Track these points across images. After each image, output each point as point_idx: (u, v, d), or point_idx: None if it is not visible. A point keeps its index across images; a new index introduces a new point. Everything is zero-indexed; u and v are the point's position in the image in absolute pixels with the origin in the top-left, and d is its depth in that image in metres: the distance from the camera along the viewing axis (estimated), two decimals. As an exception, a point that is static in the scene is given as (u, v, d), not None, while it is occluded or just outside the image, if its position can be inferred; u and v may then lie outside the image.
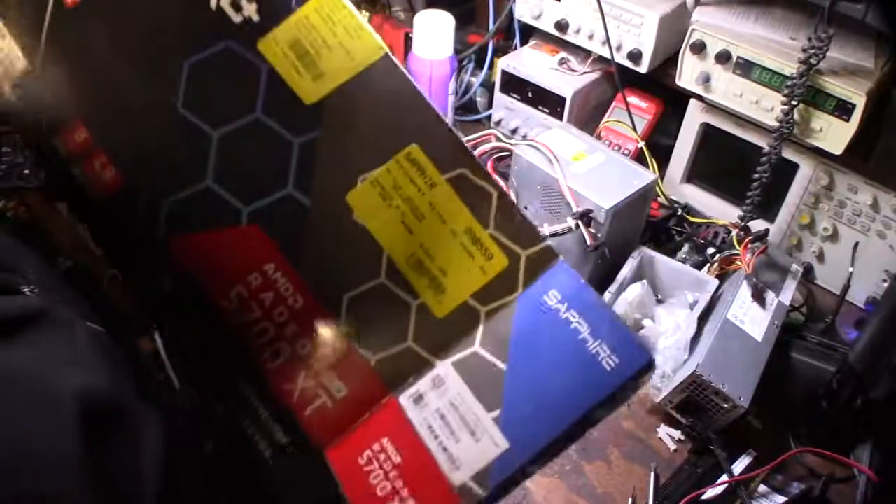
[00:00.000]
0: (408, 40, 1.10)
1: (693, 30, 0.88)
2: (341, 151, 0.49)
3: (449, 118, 1.03)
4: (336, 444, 0.46)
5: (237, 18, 0.50)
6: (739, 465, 0.73)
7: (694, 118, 0.98)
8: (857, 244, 0.90)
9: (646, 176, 0.86)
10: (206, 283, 0.48)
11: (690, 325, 0.77)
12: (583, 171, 0.85)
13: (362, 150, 0.49)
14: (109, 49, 0.51)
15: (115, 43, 0.51)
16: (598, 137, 1.03)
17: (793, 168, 0.91)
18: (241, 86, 0.49)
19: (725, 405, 0.71)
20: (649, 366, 0.45)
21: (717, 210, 1.00)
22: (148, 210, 0.49)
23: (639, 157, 1.00)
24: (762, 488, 0.72)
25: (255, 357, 0.47)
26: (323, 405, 0.47)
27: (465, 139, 0.88)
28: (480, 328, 0.47)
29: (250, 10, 0.50)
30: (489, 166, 0.94)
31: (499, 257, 0.48)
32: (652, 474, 0.73)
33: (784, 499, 0.71)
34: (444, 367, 0.47)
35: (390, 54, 0.49)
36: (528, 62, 1.08)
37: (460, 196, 0.48)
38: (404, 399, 0.46)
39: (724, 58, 0.86)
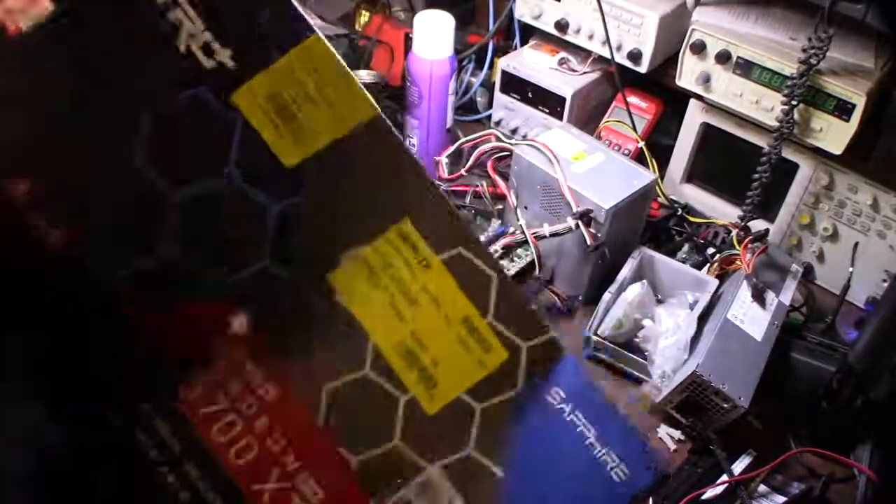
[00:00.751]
0: (408, 40, 1.10)
1: (693, 30, 0.88)
2: (325, 222, 0.44)
3: (449, 118, 1.03)
4: None
5: (209, 64, 0.43)
6: (739, 465, 0.73)
7: (694, 118, 0.98)
8: (857, 244, 0.90)
9: (646, 176, 0.86)
10: (164, 369, 0.42)
11: (690, 325, 0.77)
12: (583, 171, 0.85)
13: (348, 222, 0.44)
14: (57, 91, 0.43)
15: (63, 83, 0.43)
16: (598, 137, 1.03)
17: (793, 168, 0.91)
18: (211, 140, 0.43)
19: (725, 405, 0.71)
20: (663, 479, 0.41)
21: (717, 210, 1.00)
22: (99, 281, 0.42)
23: (639, 157, 1.00)
24: (762, 488, 0.72)
25: (220, 454, 0.42)
26: None
27: (464, 139, 0.85)
28: (475, 428, 0.43)
29: (223, 56, 0.43)
30: (489, 166, 0.94)
31: (498, 349, 0.44)
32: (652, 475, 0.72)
33: (784, 499, 0.71)
34: (435, 471, 0.42)
35: (382, 115, 0.44)
36: (528, 62, 1.08)
37: (457, 279, 0.44)
38: None
39: (724, 58, 0.86)
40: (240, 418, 0.42)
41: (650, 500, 0.70)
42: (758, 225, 0.94)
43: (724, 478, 0.71)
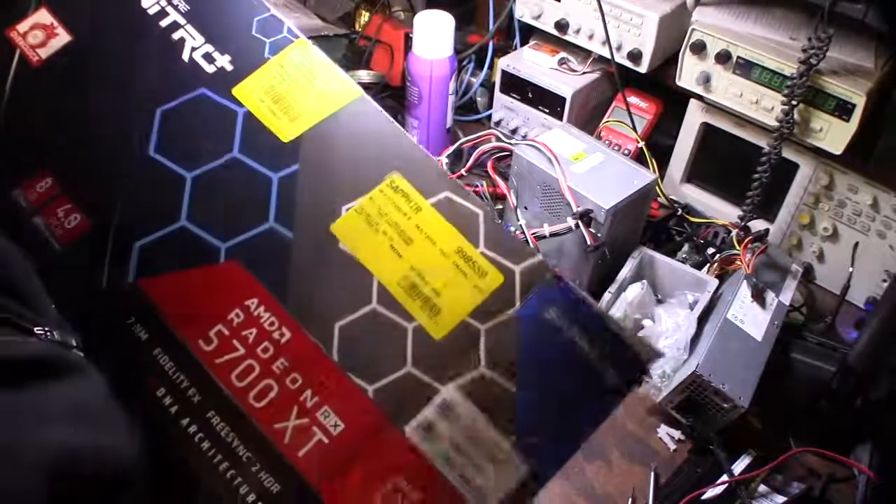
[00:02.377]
0: (408, 40, 1.10)
1: (693, 30, 0.88)
2: (322, 184, 0.49)
3: (449, 118, 1.03)
4: (339, 488, 0.43)
5: (210, 69, 0.52)
6: (739, 465, 0.73)
7: (694, 118, 0.98)
8: (857, 244, 0.90)
9: (646, 176, 0.86)
10: (183, 327, 0.46)
11: (690, 325, 0.77)
12: (583, 171, 0.85)
13: (344, 182, 0.49)
14: (78, 101, 0.51)
15: (83, 95, 0.52)
16: (598, 137, 1.03)
17: (793, 168, 0.91)
18: (217, 128, 0.50)
19: (725, 405, 0.71)
20: (650, 356, 0.45)
21: (717, 210, 1.00)
22: (115, 256, 0.47)
23: (639, 157, 1.00)
24: (762, 488, 0.72)
25: (239, 399, 0.44)
26: (318, 443, 0.43)
27: (464, 139, 0.90)
28: (482, 347, 0.45)
29: (223, 61, 0.52)
30: (489, 166, 0.94)
31: (493, 274, 0.47)
32: (652, 474, 0.73)
33: (784, 499, 0.71)
34: (451, 392, 0.44)
35: (366, 96, 0.51)
36: (528, 62, 1.08)
37: (447, 217, 0.48)
38: (412, 430, 0.43)
39: (724, 58, 0.86)
40: (257, 363, 0.45)
41: (650, 500, 0.71)
42: (758, 225, 0.95)
43: (724, 478, 0.71)
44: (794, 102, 0.81)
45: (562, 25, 1.02)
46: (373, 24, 1.16)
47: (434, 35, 0.95)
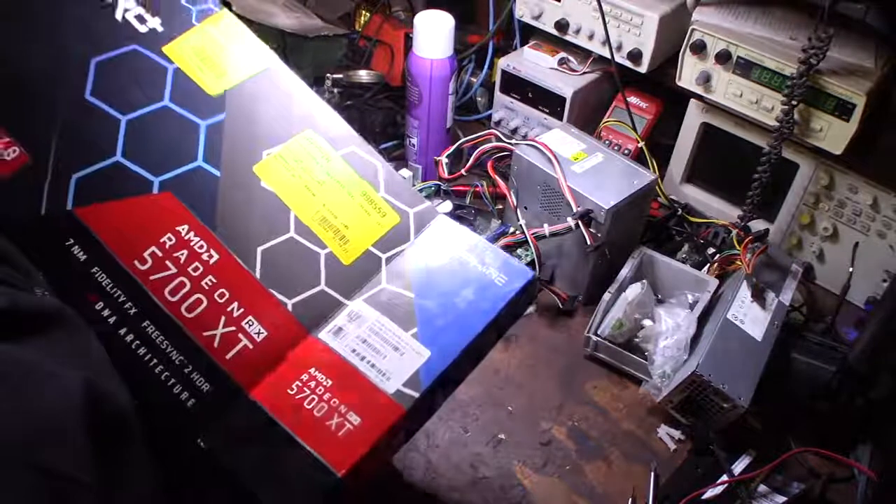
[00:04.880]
0: (408, 40, 1.10)
1: (693, 30, 0.88)
2: (246, 132, 0.56)
3: (449, 118, 1.03)
4: (261, 383, 0.49)
5: (142, 28, 0.58)
6: (739, 465, 0.73)
7: (694, 118, 0.98)
8: (857, 244, 0.90)
9: (646, 176, 0.86)
10: (120, 248, 0.51)
11: (690, 325, 0.77)
12: (583, 171, 0.85)
13: (265, 132, 0.56)
14: (17, 52, 0.56)
15: (22, 46, 0.56)
16: (598, 137, 1.03)
17: (793, 168, 0.91)
18: (149, 80, 0.56)
19: (725, 405, 0.71)
20: (534, 280, 0.54)
21: (717, 210, 1.00)
22: (53, 185, 0.52)
23: (639, 157, 1.00)
24: (762, 488, 0.72)
25: (172, 310, 0.50)
26: (244, 348, 0.50)
27: (464, 139, 0.94)
28: (383, 270, 0.54)
29: (154, 23, 0.59)
30: (489, 166, 0.94)
31: (391, 214, 0.56)
32: (652, 474, 0.73)
33: (784, 499, 0.71)
34: (358, 304, 0.52)
35: (282, 63, 0.59)
36: (528, 62, 1.08)
37: (353, 167, 0.57)
38: (324, 334, 0.51)
39: (724, 58, 0.86)
40: (188, 280, 0.51)
41: (650, 500, 0.71)
42: (758, 225, 0.94)
43: (724, 478, 0.71)
44: (794, 102, 0.81)
45: (562, 25, 1.02)
46: (373, 24, 1.16)
47: (434, 35, 0.95)
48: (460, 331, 0.51)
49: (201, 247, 0.52)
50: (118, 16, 0.58)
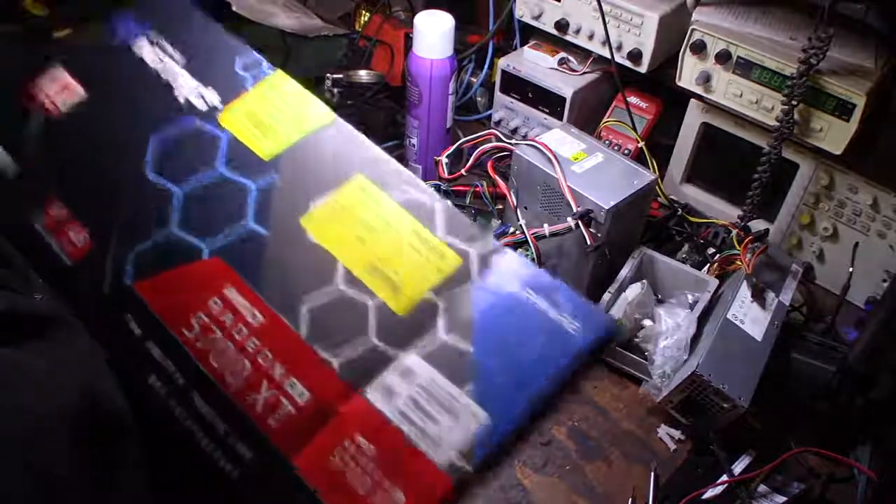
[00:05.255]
0: (408, 40, 1.10)
1: (693, 30, 0.88)
2: (296, 188, 0.54)
3: (449, 118, 1.03)
4: (303, 450, 0.46)
5: (199, 102, 0.59)
6: (739, 465, 0.73)
7: (694, 118, 0.98)
8: (857, 244, 0.90)
9: (646, 176, 0.86)
10: (170, 318, 0.51)
11: (690, 325, 0.77)
12: (583, 171, 0.85)
13: (314, 184, 0.54)
14: (87, 138, 0.59)
15: (92, 133, 0.59)
16: (598, 137, 1.03)
17: (793, 168, 0.91)
18: (204, 150, 0.57)
19: (725, 405, 0.71)
20: (612, 327, 0.49)
21: (717, 210, 1.00)
22: (114, 263, 0.53)
23: (639, 157, 1.00)
24: (762, 488, 0.72)
25: (217, 378, 0.48)
26: (287, 413, 0.47)
27: (464, 139, 0.93)
28: (441, 320, 0.49)
29: (210, 95, 0.59)
30: (489, 166, 0.94)
31: (450, 256, 0.51)
32: (652, 474, 0.73)
33: (784, 499, 0.71)
34: (410, 359, 0.48)
35: (339, 119, 0.57)
36: (528, 62, 1.08)
37: (407, 209, 0.53)
38: (371, 394, 0.47)
39: (724, 58, 0.86)
40: (232, 343, 0.49)
41: (650, 500, 0.71)
42: (758, 225, 0.94)
43: (724, 478, 0.71)
44: (794, 102, 0.81)
45: (562, 25, 1.02)
46: (373, 24, 1.16)
47: (434, 35, 0.95)
48: (522, 388, 0.46)
49: (246, 308, 0.51)
50: (177, 94, 0.60)
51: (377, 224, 0.53)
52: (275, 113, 0.58)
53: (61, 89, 0.63)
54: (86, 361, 0.48)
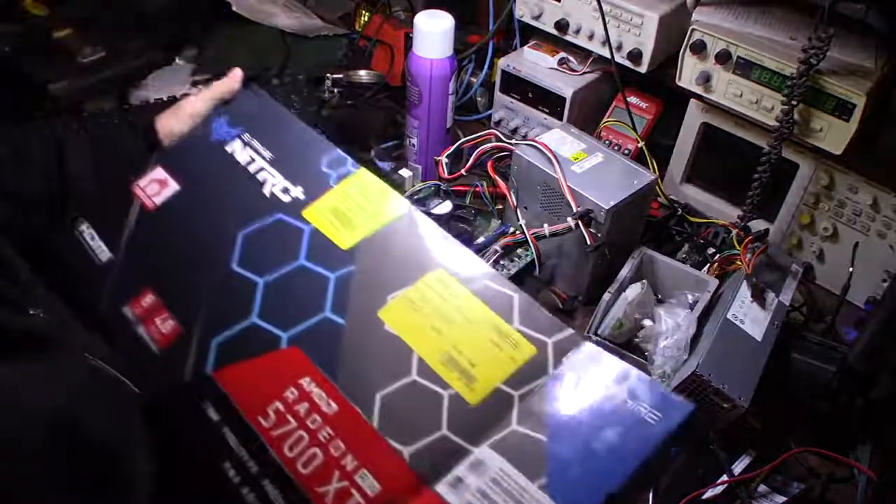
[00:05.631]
0: (408, 40, 1.10)
1: (693, 30, 0.88)
2: (373, 279, 0.56)
3: (449, 118, 1.03)
4: None
5: (286, 199, 0.63)
6: (739, 465, 0.73)
7: (694, 118, 0.98)
8: (857, 244, 0.90)
9: (646, 176, 0.86)
10: (247, 406, 0.52)
11: (690, 325, 0.77)
12: (583, 171, 0.85)
13: (392, 277, 0.56)
14: (178, 231, 0.63)
15: (183, 226, 0.64)
16: (598, 137, 1.03)
17: (793, 168, 0.91)
18: (287, 243, 0.59)
19: (725, 405, 0.71)
20: (693, 414, 0.46)
21: (717, 210, 1.00)
22: (197, 352, 0.55)
23: (639, 157, 1.00)
24: (762, 488, 0.72)
25: (289, 467, 0.49)
26: None
27: (464, 139, 0.93)
28: (515, 410, 0.48)
29: (297, 192, 0.63)
30: (489, 166, 0.94)
31: (525, 346, 0.51)
32: (652, 474, 0.73)
33: (784, 499, 0.71)
34: (483, 451, 0.47)
35: (414, 209, 0.60)
36: (528, 62, 1.08)
37: (484, 301, 0.53)
38: (441, 487, 0.46)
39: (724, 58, 0.86)
40: (306, 433, 0.50)
41: (650, 500, 0.71)
42: (758, 225, 0.94)
43: (724, 478, 0.71)
44: (794, 102, 0.81)
45: (562, 25, 1.02)
46: (373, 24, 1.16)
47: (434, 35, 0.95)
48: (597, 483, 0.43)
49: (321, 398, 0.51)
50: (265, 190, 0.63)
51: (454, 315, 0.53)
52: (355, 206, 0.61)
53: (157, 184, 0.67)
54: (67, 385, 0.47)
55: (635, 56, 0.97)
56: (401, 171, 1.02)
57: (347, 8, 1.26)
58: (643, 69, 0.98)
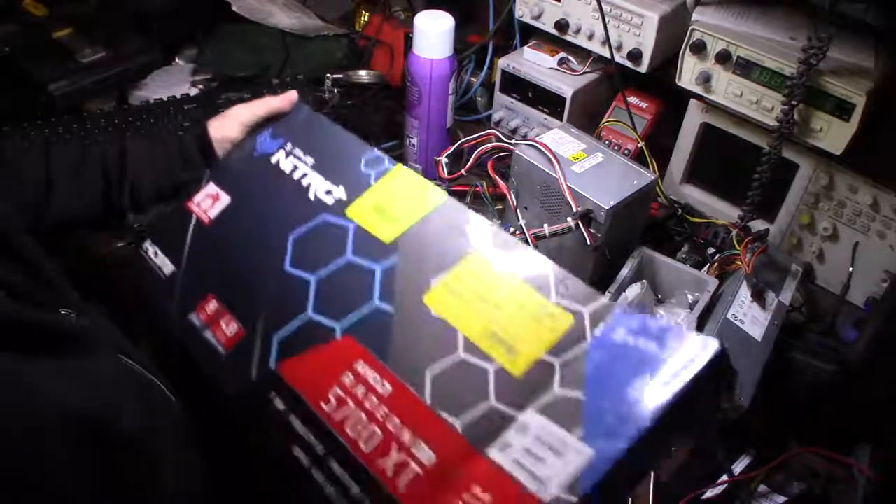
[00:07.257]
0: (408, 40, 1.10)
1: (693, 30, 0.88)
2: (416, 266, 0.59)
3: (449, 118, 1.03)
4: None
5: (329, 200, 0.67)
6: (739, 465, 0.73)
7: (694, 118, 0.98)
8: (857, 244, 0.90)
9: (646, 176, 0.86)
10: (309, 394, 0.56)
11: (690, 325, 0.77)
12: (583, 171, 0.85)
13: (434, 262, 0.59)
14: (233, 241, 0.69)
15: (237, 236, 0.69)
16: (598, 137, 1.03)
17: (793, 168, 0.91)
18: (334, 241, 0.63)
19: (725, 405, 0.71)
20: (721, 354, 0.48)
21: (717, 210, 1.00)
22: (261, 350, 0.60)
23: (639, 157, 1.00)
24: (762, 488, 0.72)
25: (352, 446, 0.53)
26: (415, 476, 0.50)
27: (464, 139, 0.94)
28: (557, 376, 0.51)
29: (339, 192, 0.67)
30: (489, 166, 0.94)
31: (563, 317, 0.54)
32: (652, 474, 0.72)
33: (784, 499, 0.71)
34: (527, 415, 0.50)
35: (452, 199, 0.63)
36: (528, 62, 1.08)
37: (521, 277, 0.57)
38: (492, 452, 0.49)
39: (724, 58, 0.86)
40: (365, 414, 0.54)
41: (650, 501, 0.71)
42: (758, 225, 0.94)
43: (724, 478, 0.71)
44: (794, 102, 0.81)
45: (562, 25, 1.02)
46: (373, 24, 1.16)
47: (434, 35, 0.95)
48: (629, 424, 0.46)
49: (376, 380, 0.55)
50: (310, 194, 0.68)
51: (493, 294, 0.57)
52: (395, 201, 0.64)
53: (211, 199, 0.72)
54: (96, 381, 0.48)
55: (635, 56, 0.97)
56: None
57: (347, 8, 1.26)
58: (643, 69, 0.98)
